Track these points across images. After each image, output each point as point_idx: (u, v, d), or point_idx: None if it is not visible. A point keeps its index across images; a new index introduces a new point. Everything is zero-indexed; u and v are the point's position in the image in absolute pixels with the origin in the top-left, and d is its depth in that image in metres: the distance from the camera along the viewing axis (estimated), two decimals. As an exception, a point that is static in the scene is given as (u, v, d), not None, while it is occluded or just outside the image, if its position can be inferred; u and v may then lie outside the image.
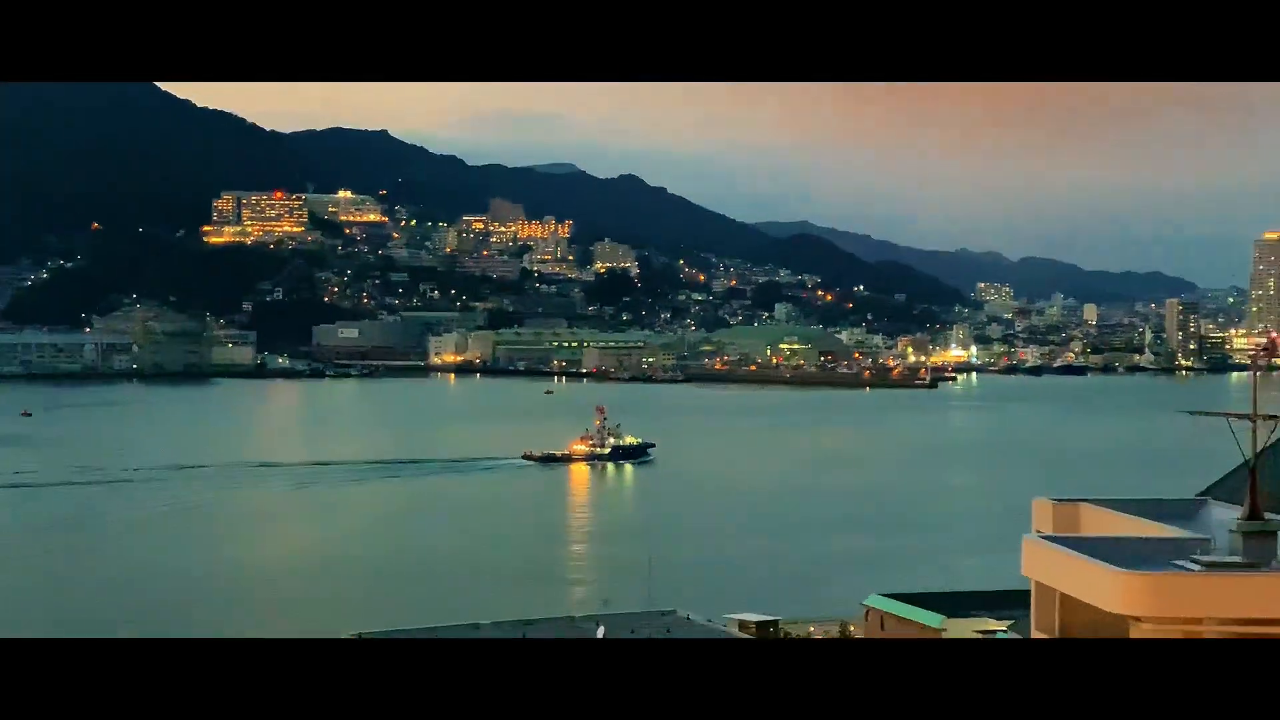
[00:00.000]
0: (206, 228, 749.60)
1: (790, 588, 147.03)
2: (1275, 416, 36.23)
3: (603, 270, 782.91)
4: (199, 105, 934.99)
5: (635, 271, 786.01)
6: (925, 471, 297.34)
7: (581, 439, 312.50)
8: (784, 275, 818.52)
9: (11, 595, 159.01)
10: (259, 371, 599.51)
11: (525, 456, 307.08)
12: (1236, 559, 29.70)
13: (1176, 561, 30.30)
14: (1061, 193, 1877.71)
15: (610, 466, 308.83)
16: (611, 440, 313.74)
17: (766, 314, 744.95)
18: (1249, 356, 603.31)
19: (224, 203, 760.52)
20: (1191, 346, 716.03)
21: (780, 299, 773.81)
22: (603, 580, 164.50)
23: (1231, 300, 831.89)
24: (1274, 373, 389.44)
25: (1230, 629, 28.92)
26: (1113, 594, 29.84)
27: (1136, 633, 31.06)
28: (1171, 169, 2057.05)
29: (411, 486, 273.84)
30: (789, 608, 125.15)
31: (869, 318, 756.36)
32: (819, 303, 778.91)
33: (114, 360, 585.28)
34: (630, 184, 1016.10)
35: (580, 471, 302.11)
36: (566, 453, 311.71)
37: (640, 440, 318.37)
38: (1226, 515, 33.67)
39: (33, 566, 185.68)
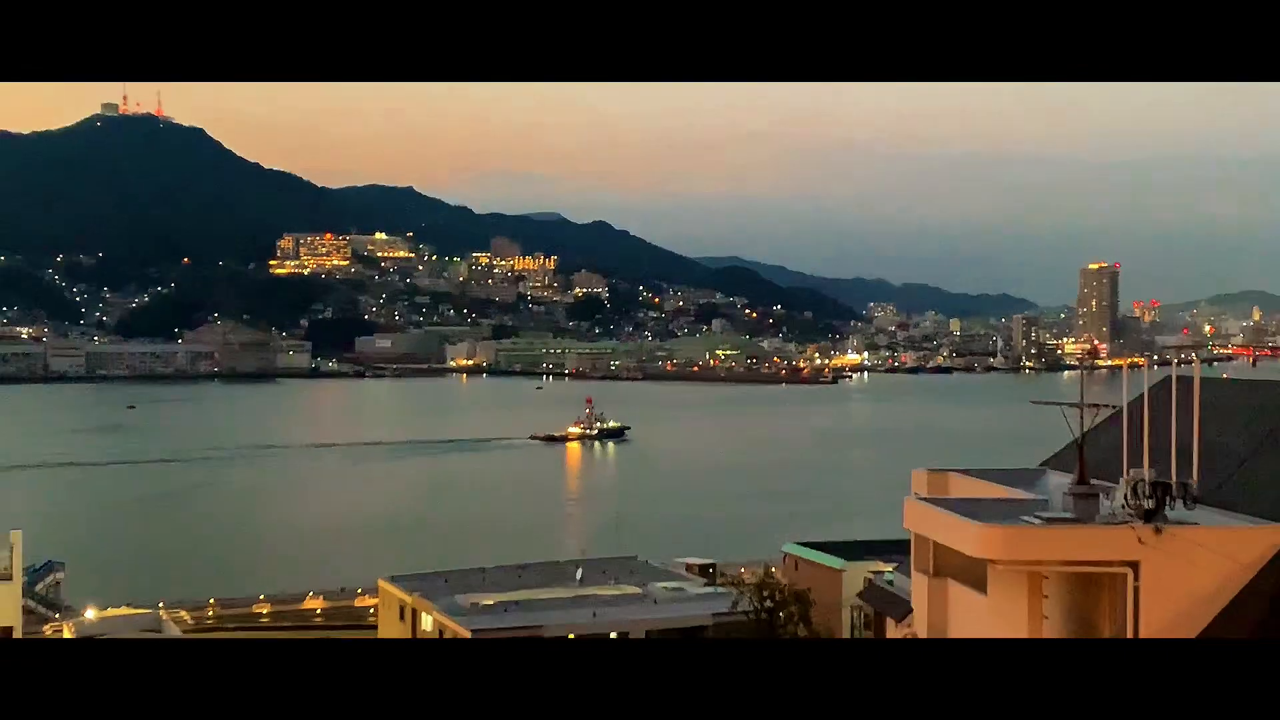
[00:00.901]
0: (272, 262, 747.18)
1: (727, 537, 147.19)
2: (1097, 405, 36.58)
3: (580, 294, 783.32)
4: (266, 166, 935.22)
5: (605, 295, 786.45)
6: (829, 448, 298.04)
7: (576, 423, 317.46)
8: (719, 298, 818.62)
9: (125, 549, 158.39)
10: (313, 373, 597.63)
11: (532, 437, 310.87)
12: (1068, 515, 29.97)
13: (1023, 517, 30.55)
14: (934, 232, 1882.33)
15: (598, 445, 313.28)
16: (599, 424, 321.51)
17: (706, 328, 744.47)
18: (1077, 359, 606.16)
19: (285, 242, 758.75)
20: (1032, 351, 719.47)
21: (716, 316, 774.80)
22: (585, 532, 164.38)
23: (1063, 315, 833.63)
24: (1095, 371, 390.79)
25: (1063, 569, 29.22)
26: (973, 542, 30.09)
27: (992, 573, 31.30)
28: (1017, 212, 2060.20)
29: (441, 461, 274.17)
30: (725, 553, 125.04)
31: (784, 330, 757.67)
32: (746, 319, 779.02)
33: (199, 365, 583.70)
34: (601, 228, 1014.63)
35: (575, 449, 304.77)
36: (565, 434, 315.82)
37: (620, 424, 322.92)
38: (1060, 481, 33.95)
39: (141, 525, 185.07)
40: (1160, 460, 29.54)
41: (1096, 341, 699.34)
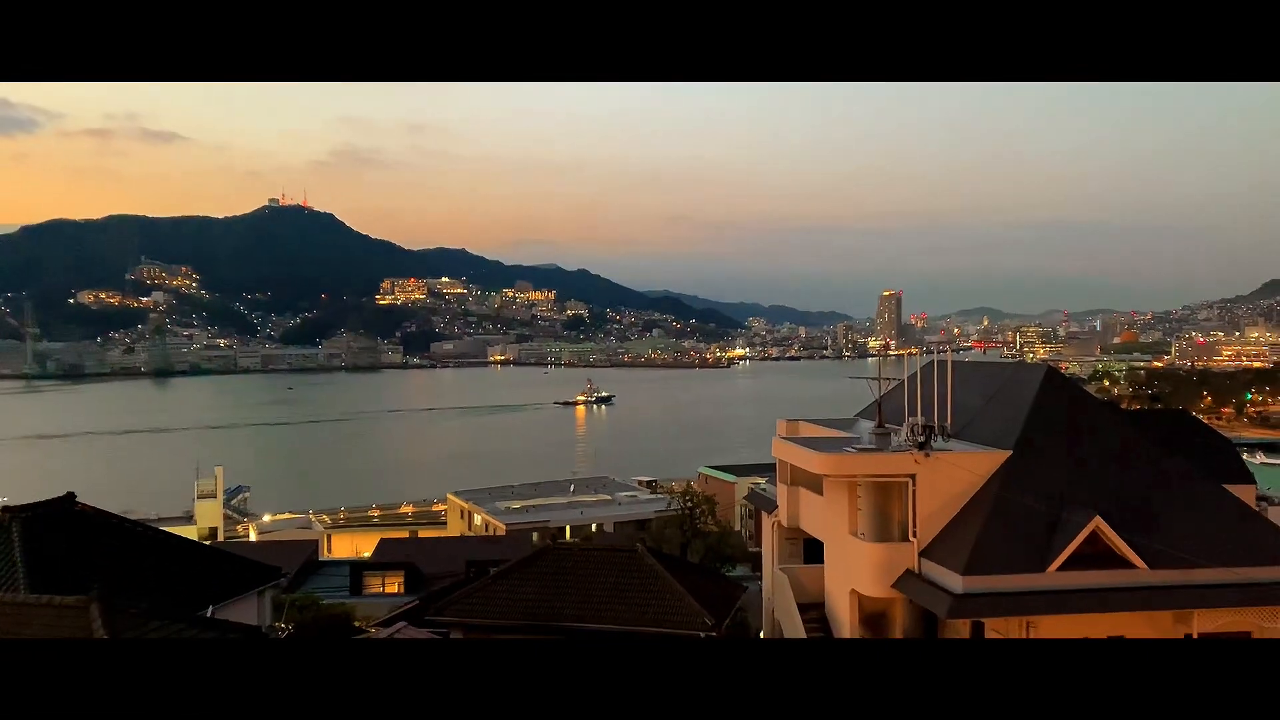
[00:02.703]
0: (377, 296, 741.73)
1: (665, 462, 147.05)
2: (889, 379, 36.87)
3: (570, 314, 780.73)
4: (373, 237, 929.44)
5: (586, 315, 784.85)
6: (726, 406, 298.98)
7: (582, 393, 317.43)
8: (656, 316, 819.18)
9: (287, 476, 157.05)
10: (403, 366, 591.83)
11: (554, 402, 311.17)
12: (871, 446, 30.19)
13: (844, 448, 30.73)
14: (791, 272, 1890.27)
15: (596, 407, 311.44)
16: (596, 394, 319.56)
17: (649, 334, 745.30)
18: (876, 351, 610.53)
19: (386, 284, 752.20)
20: (850, 346, 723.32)
21: (655, 327, 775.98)
22: (579, 461, 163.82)
23: (868, 324, 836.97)
24: (888, 358, 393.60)
25: (869, 480, 29.43)
26: (815, 464, 30.24)
27: (827, 483, 31.43)
28: (845, 261, 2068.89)
29: (493, 418, 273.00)
30: (663, 472, 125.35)
31: (697, 335, 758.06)
32: (674, 328, 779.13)
33: (333, 361, 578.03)
34: (584, 274, 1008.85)
35: (581, 410, 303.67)
36: (575, 400, 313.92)
37: (608, 394, 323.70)
38: (867, 425, 34.17)
39: (297, 461, 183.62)
40: (927, 411, 29.85)
41: (888, 339, 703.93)
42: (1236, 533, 27.02)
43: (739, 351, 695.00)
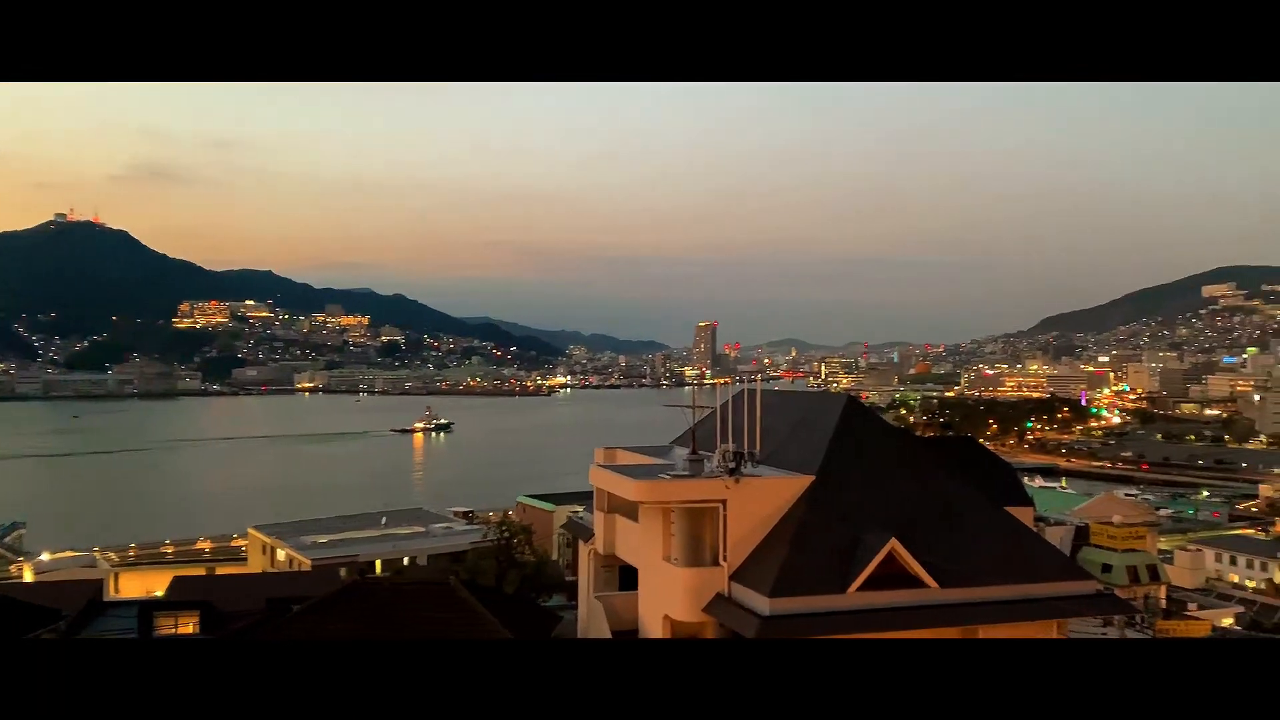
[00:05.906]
0: (175, 319, 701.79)
1: (482, 491, 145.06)
2: (703, 406, 37.70)
3: (385, 340, 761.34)
4: (171, 256, 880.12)
5: (402, 341, 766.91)
6: (546, 434, 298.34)
7: (420, 420, 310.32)
8: (476, 343, 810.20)
9: (70, 511, 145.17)
10: (202, 393, 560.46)
11: (392, 429, 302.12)
12: (685, 473, 30.67)
13: (659, 474, 31.08)
14: (610, 302, 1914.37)
15: (435, 435, 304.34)
16: (435, 421, 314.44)
17: (467, 361, 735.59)
18: (692, 379, 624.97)
19: (185, 307, 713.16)
20: (667, 375, 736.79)
21: (474, 354, 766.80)
22: (402, 491, 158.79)
23: (685, 352, 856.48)
24: (703, 387, 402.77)
25: (683, 505, 29.88)
26: (631, 491, 30.47)
27: (642, 510, 31.70)
28: (666, 290, 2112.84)
29: (316, 448, 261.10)
30: (480, 502, 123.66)
31: (517, 362, 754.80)
32: (493, 356, 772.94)
33: (124, 388, 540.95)
34: (400, 298, 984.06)
35: (419, 438, 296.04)
36: (413, 428, 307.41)
37: (448, 421, 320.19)
38: (682, 452, 34.71)
39: (81, 494, 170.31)
40: (738, 438, 30.65)
41: (703, 368, 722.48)
42: (1017, 552, 29.08)
43: (560, 379, 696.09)
